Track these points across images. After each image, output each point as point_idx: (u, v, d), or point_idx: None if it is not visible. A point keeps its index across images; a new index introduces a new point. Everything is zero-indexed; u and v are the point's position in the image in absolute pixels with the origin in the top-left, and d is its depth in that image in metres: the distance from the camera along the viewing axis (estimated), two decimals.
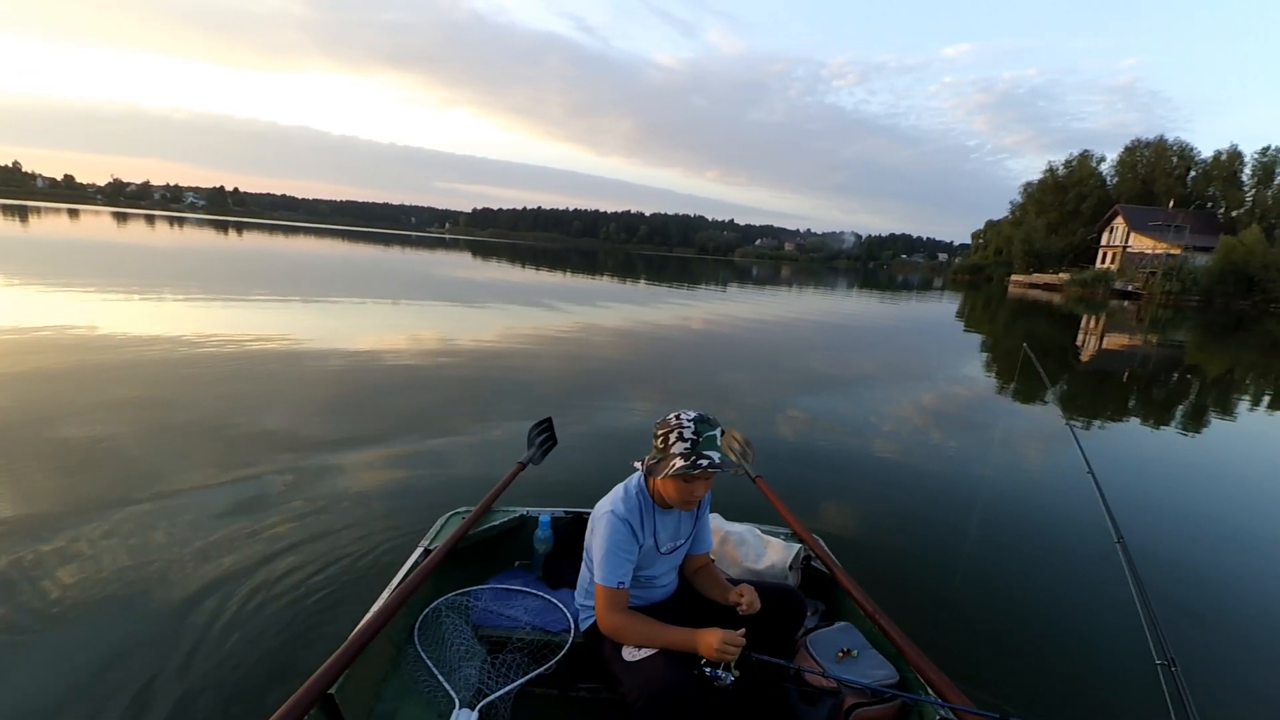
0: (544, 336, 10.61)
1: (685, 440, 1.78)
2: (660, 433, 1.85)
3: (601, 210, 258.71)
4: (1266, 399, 10.18)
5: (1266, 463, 6.64)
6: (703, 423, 1.82)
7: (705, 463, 1.75)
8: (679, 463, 1.76)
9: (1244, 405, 9.50)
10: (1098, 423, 7.41)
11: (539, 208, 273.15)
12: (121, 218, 70.44)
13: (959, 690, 1.68)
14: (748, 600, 1.81)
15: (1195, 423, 8.09)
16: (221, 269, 19.47)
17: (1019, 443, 6.32)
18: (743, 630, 1.65)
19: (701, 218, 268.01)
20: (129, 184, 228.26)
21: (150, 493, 3.59)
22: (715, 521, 2.60)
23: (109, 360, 6.59)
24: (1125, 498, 4.68)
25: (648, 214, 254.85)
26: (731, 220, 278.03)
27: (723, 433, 1.85)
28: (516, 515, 2.59)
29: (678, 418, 1.83)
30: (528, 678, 1.94)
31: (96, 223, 49.46)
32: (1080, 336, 18.18)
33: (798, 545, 2.43)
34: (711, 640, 1.63)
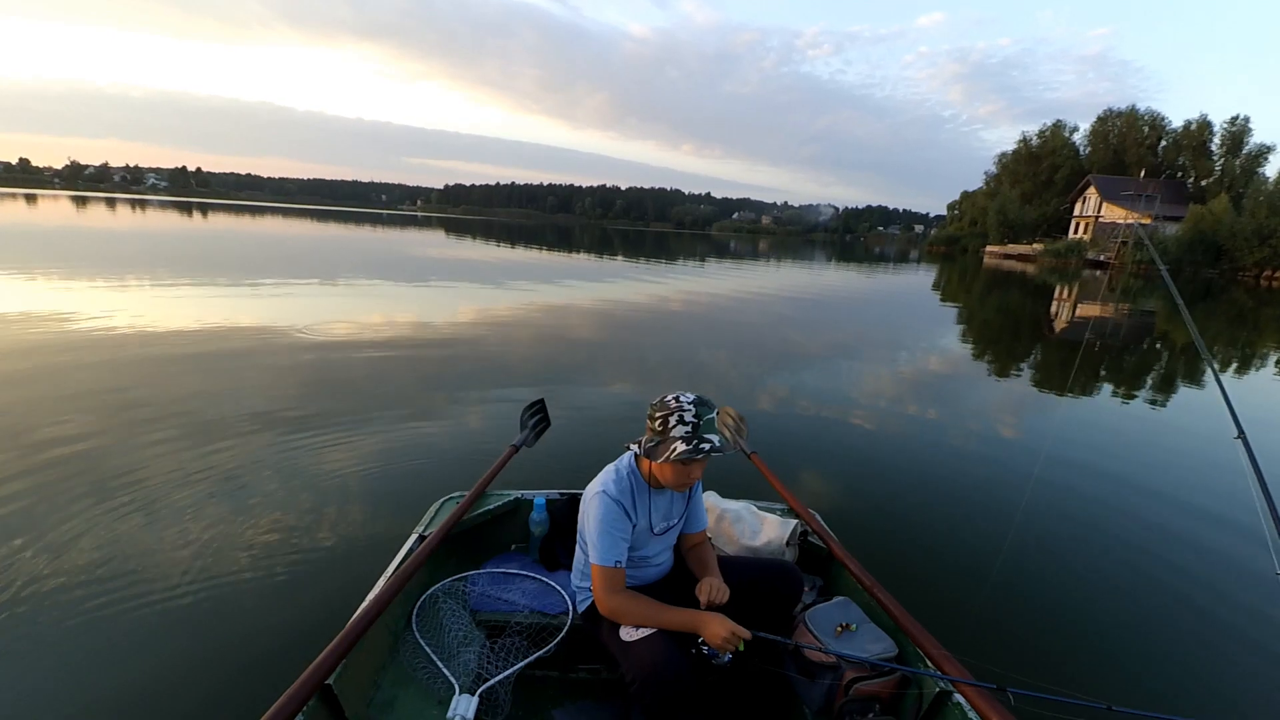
0: (529, 317, 10.50)
1: (686, 424, 1.76)
2: (659, 415, 1.81)
3: (577, 185, 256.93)
4: None
5: None
6: (702, 405, 1.80)
7: (708, 446, 1.74)
8: (681, 447, 1.74)
9: None
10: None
11: (513, 183, 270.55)
12: (81, 201, 68.20)
13: (958, 662, 1.69)
14: (705, 598, 1.77)
15: None
16: (191, 253, 18.94)
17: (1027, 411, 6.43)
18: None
19: (678, 191, 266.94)
20: (87, 166, 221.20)
21: (132, 486, 3.49)
22: (711, 499, 2.60)
23: (85, 349, 6.39)
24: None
25: (623, 188, 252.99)
26: (708, 194, 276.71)
27: (717, 411, 1.83)
28: (511, 498, 2.57)
29: (676, 400, 1.80)
30: (527, 661, 1.93)
31: (57, 208, 47.79)
32: (1054, 306, 18.47)
33: (794, 521, 2.43)
34: (718, 629, 1.62)
